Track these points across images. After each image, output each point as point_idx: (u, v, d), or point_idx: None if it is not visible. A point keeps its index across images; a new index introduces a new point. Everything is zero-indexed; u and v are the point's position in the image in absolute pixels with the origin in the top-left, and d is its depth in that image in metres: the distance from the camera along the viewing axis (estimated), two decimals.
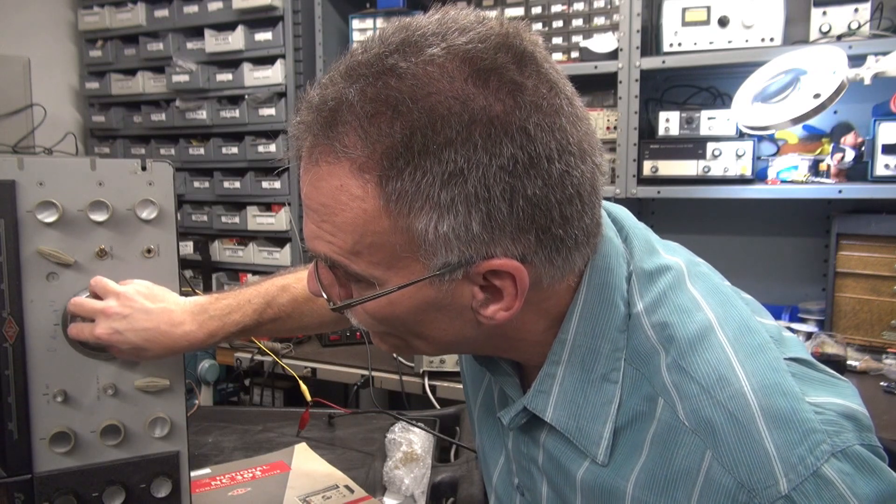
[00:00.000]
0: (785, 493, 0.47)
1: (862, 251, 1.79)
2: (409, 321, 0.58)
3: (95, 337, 0.79)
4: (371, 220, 0.51)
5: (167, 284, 0.84)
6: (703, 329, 0.56)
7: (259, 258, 2.65)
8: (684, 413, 0.53)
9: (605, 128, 2.05)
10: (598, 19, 2.06)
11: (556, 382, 0.61)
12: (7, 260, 0.75)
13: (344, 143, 0.50)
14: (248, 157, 2.60)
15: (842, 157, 1.80)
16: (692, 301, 0.59)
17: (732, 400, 0.51)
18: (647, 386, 0.57)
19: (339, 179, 0.51)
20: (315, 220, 0.55)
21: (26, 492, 0.78)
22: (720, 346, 0.55)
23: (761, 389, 0.52)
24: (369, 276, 0.54)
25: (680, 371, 0.55)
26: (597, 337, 0.59)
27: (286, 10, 2.45)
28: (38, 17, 2.87)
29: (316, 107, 0.52)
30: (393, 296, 0.55)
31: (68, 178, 0.78)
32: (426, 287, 0.54)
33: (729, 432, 0.50)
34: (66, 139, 2.10)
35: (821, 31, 1.80)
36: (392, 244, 0.52)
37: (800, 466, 0.48)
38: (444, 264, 0.53)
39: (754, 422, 0.50)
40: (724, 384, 0.52)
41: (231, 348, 2.11)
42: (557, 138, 0.51)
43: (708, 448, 0.51)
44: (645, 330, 0.58)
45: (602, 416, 0.59)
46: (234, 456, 1.27)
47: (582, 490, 0.61)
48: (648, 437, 0.56)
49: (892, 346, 1.74)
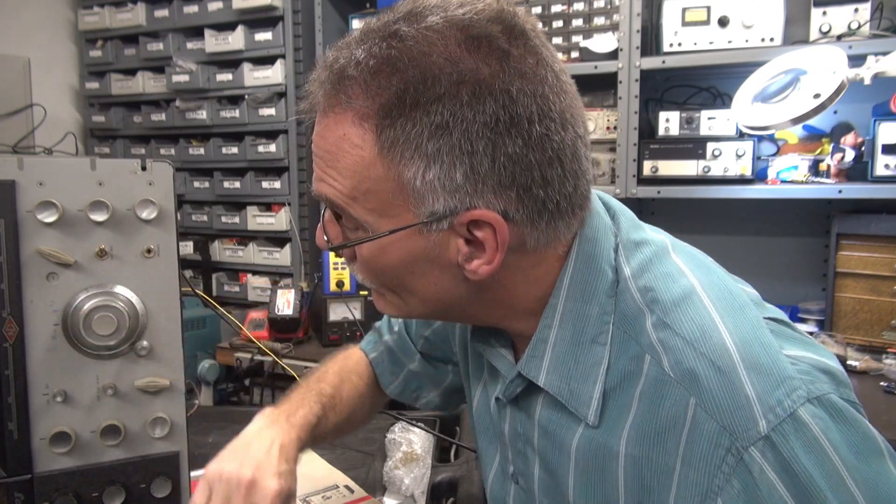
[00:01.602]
0: (764, 434, 0.50)
1: (862, 251, 1.79)
2: (401, 272, 0.61)
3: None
4: (367, 166, 0.57)
5: (167, 284, 0.84)
6: (687, 291, 0.60)
7: (259, 258, 2.66)
8: (669, 365, 0.57)
9: (605, 128, 2.05)
10: (598, 19, 2.06)
11: (548, 347, 0.64)
12: (7, 260, 0.75)
13: (349, 94, 0.56)
14: (248, 157, 2.60)
15: (842, 157, 1.80)
16: (676, 268, 0.62)
17: (714, 351, 0.55)
18: (635, 346, 0.60)
19: (343, 128, 0.57)
20: (321, 167, 0.60)
21: (26, 492, 0.78)
22: (702, 306, 0.58)
23: (742, 342, 0.55)
24: (364, 222, 0.59)
25: (665, 328, 0.58)
26: (586, 302, 0.62)
27: (286, 10, 2.46)
28: (38, 17, 2.87)
29: (329, 65, 0.59)
30: (385, 242, 0.59)
31: (68, 178, 0.78)
32: (415, 236, 0.58)
33: (712, 380, 0.54)
34: (66, 139, 2.10)
35: (821, 31, 1.80)
36: (385, 191, 0.57)
37: (778, 409, 0.51)
38: (430, 213, 0.57)
39: (735, 370, 0.53)
40: (706, 338, 0.56)
41: (231, 348, 2.11)
42: (539, 104, 0.55)
43: (692, 396, 0.54)
44: (632, 293, 0.61)
45: (592, 377, 0.61)
46: None
47: (576, 458, 0.64)
48: (636, 393, 0.59)
49: (892, 346, 1.74)
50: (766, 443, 0.50)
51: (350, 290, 2.12)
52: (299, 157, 2.54)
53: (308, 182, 2.57)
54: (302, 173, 2.56)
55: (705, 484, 0.53)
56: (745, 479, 0.51)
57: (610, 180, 2.07)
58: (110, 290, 0.81)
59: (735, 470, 0.51)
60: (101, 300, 0.80)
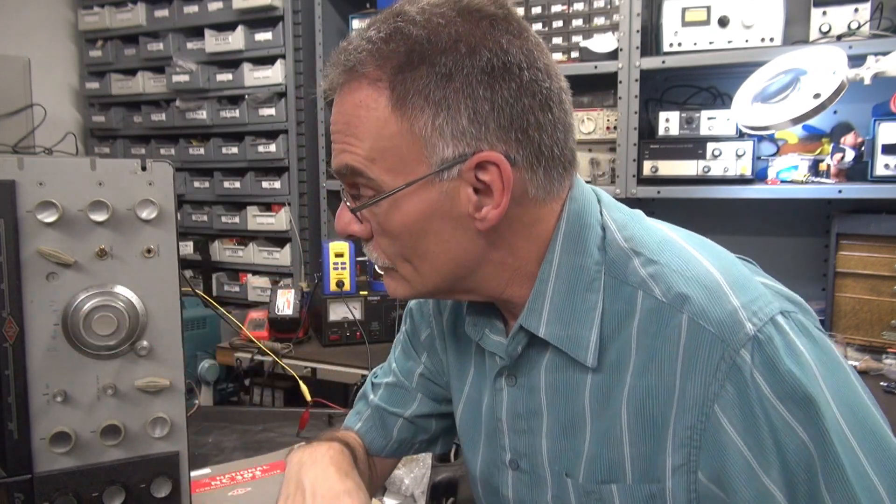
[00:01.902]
0: (752, 335, 0.58)
1: (862, 251, 1.79)
2: (417, 231, 0.65)
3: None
4: (383, 125, 0.62)
5: (167, 284, 0.84)
6: (666, 238, 0.69)
7: (259, 258, 2.66)
8: (661, 292, 0.64)
9: (605, 128, 2.05)
10: (598, 19, 2.06)
11: (546, 300, 0.69)
12: (7, 260, 0.75)
13: (362, 64, 0.63)
14: (248, 157, 2.60)
15: (842, 157, 1.80)
16: (652, 224, 0.72)
17: (700, 275, 0.63)
18: (626, 288, 0.66)
19: (358, 96, 0.63)
20: (339, 139, 0.65)
21: (26, 492, 0.78)
22: (682, 247, 0.68)
23: (722, 268, 0.64)
24: (382, 182, 0.64)
25: (652, 264, 0.66)
26: (579, 254, 0.68)
27: (286, 10, 2.46)
28: (38, 17, 2.87)
29: (344, 48, 0.65)
30: (401, 197, 0.64)
31: (68, 178, 0.78)
32: (430, 189, 0.63)
33: (701, 297, 0.62)
34: (66, 139, 2.10)
35: (821, 31, 1.80)
36: (400, 147, 0.63)
37: (760, 314, 0.59)
38: (441, 161, 0.62)
39: (720, 287, 0.62)
40: (691, 267, 0.65)
41: (231, 348, 2.11)
42: (525, 54, 0.63)
43: (684, 313, 0.61)
44: (618, 243, 0.68)
45: (588, 321, 0.67)
46: (234, 456, 1.27)
47: (591, 408, 0.68)
48: (634, 331, 0.65)
49: (892, 346, 1.74)
50: (754, 343, 0.58)
51: (350, 290, 2.12)
52: (299, 157, 2.54)
53: (308, 182, 2.57)
54: (302, 173, 2.56)
55: (702, 395, 0.60)
56: (738, 381, 0.58)
57: (610, 180, 2.07)
58: (110, 290, 0.81)
59: (728, 375, 0.58)
60: (101, 300, 0.80)
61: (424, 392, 0.93)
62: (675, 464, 0.63)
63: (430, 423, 0.94)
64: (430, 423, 0.94)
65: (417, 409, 0.93)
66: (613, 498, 0.67)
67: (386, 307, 2.13)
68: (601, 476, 0.68)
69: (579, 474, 0.70)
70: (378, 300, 2.13)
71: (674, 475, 0.63)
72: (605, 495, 0.68)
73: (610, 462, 0.67)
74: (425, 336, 0.92)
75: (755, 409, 0.57)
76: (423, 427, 0.94)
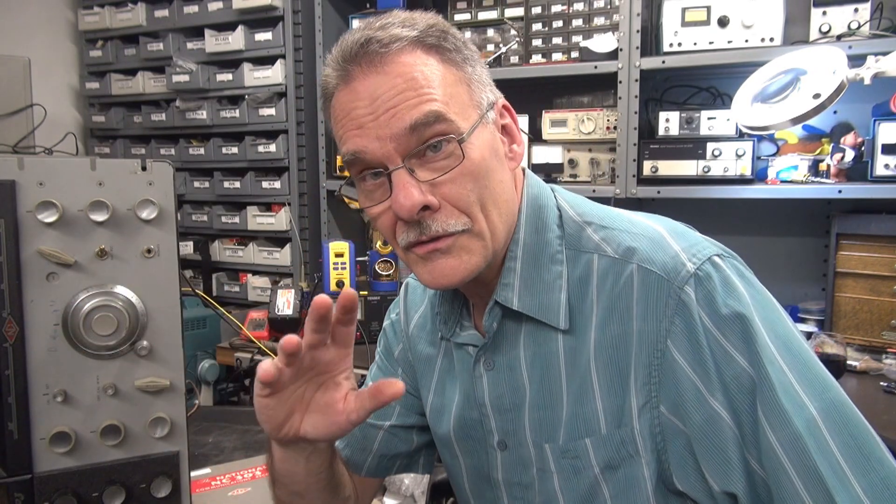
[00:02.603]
0: (692, 272, 0.66)
1: (862, 251, 1.79)
2: (489, 168, 0.70)
3: None
4: (442, 75, 0.69)
5: (167, 284, 0.84)
6: (613, 210, 0.78)
7: (259, 258, 2.65)
8: (612, 249, 0.72)
9: (605, 128, 2.05)
10: (598, 19, 2.06)
11: (516, 275, 0.75)
12: (7, 260, 0.75)
13: (398, 37, 0.68)
14: (248, 157, 2.60)
15: (842, 157, 1.80)
16: (595, 203, 0.80)
17: (645, 230, 0.73)
18: (583, 255, 0.74)
19: (410, 58, 0.68)
20: (409, 96, 0.67)
21: (26, 492, 0.78)
22: (627, 215, 0.77)
23: (664, 224, 0.74)
24: (459, 126, 0.68)
25: (603, 229, 0.75)
26: (540, 231, 0.76)
27: (286, 10, 2.45)
28: (38, 17, 2.87)
29: (358, 41, 0.68)
30: (475, 137, 0.69)
31: (68, 178, 0.78)
32: (484, 130, 0.71)
33: (646, 247, 0.70)
34: (66, 139, 2.09)
35: (821, 31, 1.80)
36: (460, 93, 0.70)
37: (699, 254, 0.68)
38: (488, 103, 0.72)
39: (663, 237, 0.71)
40: (637, 226, 0.74)
41: (231, 348, 2.11)
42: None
43: (633, 263, 0.70)
44: (573, 218, 0.77)
45: (555, 288, 0.74)
46: (234, 456, 1.27)
47: (566, 371, 0.73)
48: (593, 290, 0.73)
49: (892, 346, 1.74)
50: (695, 279, 0.66)
51: None
52: (299, 157, 2.54)
53: (308, 182, 2.57)
54: (302, 173, 2.56)
55: (655, 331, 0.67)
56: (684, 315, 0.66)
57: (610, 180, 2.07)
58: (110, 290, 0.82)
59: (676, 310, 0.66)
60: (101, 300, 0.80)
61: (403, 404, 0.93)
62: (639, 404, 0.69)
63: (411, 435, 0.94)
64: (411, 435, 0.94)
65: (397, 420, 0.93)
66: (588, 451, 0.72)
67: (386, 307, 2.13)
68: (578, 433, 0.72)
69: (559, 438, 0.74)
70: (378, 300, 2.13)
71: (640, 416, 0.69)
72: (580, 451, 0.72)
73: (585, 418, 0.72)
74: (399, 351, 0.95)
75: (700, 338, 0.65)
76: (404, 438, 0.94)
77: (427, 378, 0.90)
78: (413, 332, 0.92)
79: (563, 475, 0.74)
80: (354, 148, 0.69)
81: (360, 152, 0.68)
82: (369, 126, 0.68)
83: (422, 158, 0.68)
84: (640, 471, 0.70)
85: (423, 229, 0.69)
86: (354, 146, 0.69)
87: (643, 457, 0.69)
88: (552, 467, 0.75)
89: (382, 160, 0.68)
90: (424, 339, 0.90)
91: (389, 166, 0.68)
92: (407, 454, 0.96)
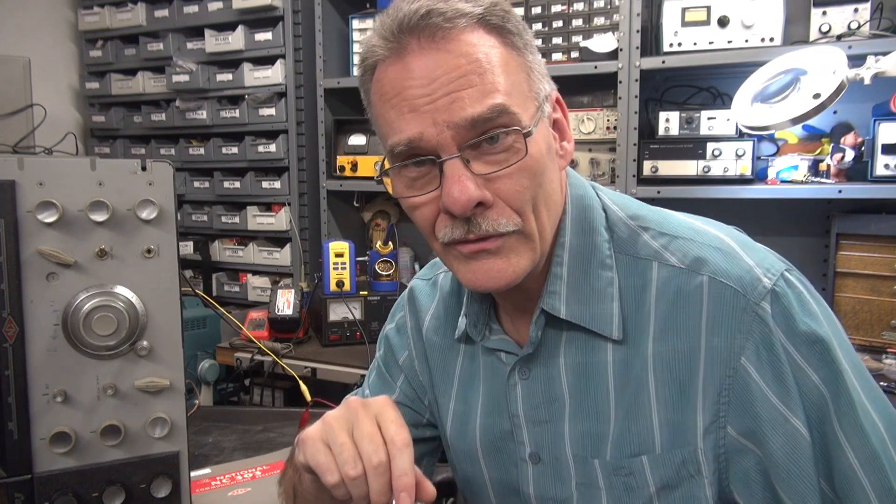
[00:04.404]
0: (770, 288, 0.63)
1: (862, 251, 1.79)
2: (544, 166, 0.66)
3: None
4: (506, 61, 0.64)
5: (167, 284, 0.84)
6: (665, 213, 0.74)
7: (259, 258, 2.65)
8: (678, 259, 0.68)
9: (605, 128, 2.05)
10: (598, 19, 2.06)
11: (563, 281, 0.71)
12: (7, 260, 0.75)
13: (463, 12, 0.62)
14: (248, 157, 2.60)
15: (842, 157, 1.80)
16: (646, 204, 0.76)
17: (712, 241, 0.69)
18: (639, 262, 0.70)
19: (473, 38, 0.62)
20: (474, 82, 0.61)
21: (26, 492, 0.78)
22: (683, 219, 0.73)
23: (728, 234, 0.71)
24: (521, 119, 0.63)
25: (663, 236, 0.70)
26: (587, 234, 0.72)
27: (286, 10, 2.45)
28: (38, 17, 2.87)
29: (417, 11, 0.61)
30: (537, 132, 0.65)
31: (68, 178, 0.78)
32: (542, 123, 0.67)
33: (718, 259, 0.67)
34: (66, 139, 2.09)
35: (821, 31, 1.80)
36: (521, 83, 0.65)
37: (773, 269, 0.65)
38: (545, 95, 0.67)
39: (733, 249, 0.68)
40: (700, 234, 0.70)
41: (231, 348, 2.11)
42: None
43: (704, 275, 0.66)
44: (624, 222, 0.72)
45: (607, 297, 0.70)
46: (234, 456, 1.27)
47: (615, 384, 0.69)
48: (651, 300, 0.68)
49: (892, 346, 1.74)
50: (772, 296, 0.63)
51: (350, 290, 2.12)
52: (299, 157, 2.54)
53: (308, 182, 2.57)
54: (302, 173, 2.56)
55: (728, 348, 0.63)
56: (762, 331, 0.62)
57: (610, 180, 2.07)
58: (110, 290, 0.81)
59: (752, 326, 0.63)
60: (101, 300, 0.80)
61: None
62: (705, 423, 0.65)
63: None
64: None
65: None
66: (644, 469, 0.68)
67: (386, 307, 2.13)
68: (630, 450, 0.68)
69: (606, 453, 0.70)
70: (378, 300, 2.13)
71: (705, 435, 0.65)
72: (635, 468, 0.68)
73: (638, 434, 0.68)
74: (403, 358, 0.91)
75: (780, 356, 0.62)
76: None
77: (445, 384, 0.85)
78: (428, 335, 0.88)
79: (614, 493, 0.70)
80: (411, 135, 0.62)
81: (416, 139, 0.62)
82: (424, 109, 0.61)
83: (477, 150, 0.63)
84: (701, 491, 0.66)
85: (471, 227, 0.63)
86: (411, 133, 0.62)
87: (706, 477, 0.66)
88: (601, 483, 0.70)
89: (436, 148, 0.62)
90: (439, 343, 0.86)
91: (442, 155, 0.62)
92: None
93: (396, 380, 0.91)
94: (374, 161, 2.36)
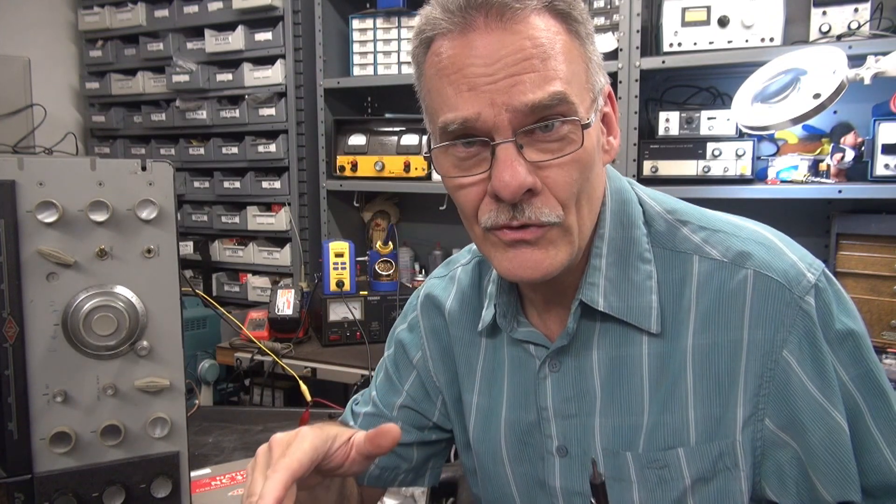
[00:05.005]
0: (813, 283, 0.65)
1: (862, 251, 1.79)
2: (594, 160, 0.66)
3: None
4: (569, 49, 0.63)
5: (167, 284, 0.84)
6: (702, 209, 0.75)
7: (259, 258, 2.65)
8: (720, 253, 0.68)
9: None
10: (598, 19, 2.06)
11: (601, 273, 0.71)
12: (7, 260, 0.75)
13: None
14: (248, 157, 2.60)
15: (842, 157, 1.80)
16: (681, 200, 0.76)
17: (753, 235, 0.70)
18: (679, 255, 0.70)
19: (538, 21, 0.62)
20: (537, 67, 0.60)
21: (26, 492, 0.78)
22: (721, 214, 0.74)
23: (767, 229, 0.72)
24: (579, 109, 0.62)
25: (703, 230, 0.71)
26: (626, 227, 0.72)
27: (286, 10, 2.45)
28: (38, 17, 2.87)
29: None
30: (592, 127, 0.64)
31: (68, 178, 0.78)
32: (597, 116, 0.66)
33: (761, 253, 0.67)
34: (66, 139, 2.10)
35: (821, 31, 1.80)
36: (580, 73, 0.64)
37: (815, 265, 0.67)
38: (599, 88, 0.67)
39: (775, 244, 0.69)
40: (741, 229, 0.71)
41: (231, 348, 2.11)
42: None
43: (747, 269, 0.67)
44: (661, 215, 0.73)
45: (645, 290, 0.70)
46: (234, 456, 1.27)
47: (649, 376, 0.69)
48: (692, 294, 0.68)
49: (892, 346, 1.74)
50: (815, 290, 0.65)
51: (350, 290, 2.12)
52: (299, 157, 2.54)
53: (308, 182, 2.57)
54: (302, 173, 2.56)
55: (770, 340, 0.64)
56: (805, 325, 0.63)
57: None
58: (110, 290, 0.81)
59: (795, 321, 0.64)
60: (101, 300, 0.80)
61: (405, 420, 0.89)
62: (745, 416, 0.65)
63: (411, 453, 0.90)
64: (411, 453, 0.90)
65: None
66: (680, 462, 0.68)
67: (386, 307, 2.13)
68: (665, 442, 0.68)
69: (639, 445, 0.69)
70: (378, 300, 2.13)
71: (744, 428, 0.66)
72: (670, 461, 0.68)
73: (673, 427, 0.68)
74: (417, 358, 0.89)
75: (823, 349, 0.63)
76: (404, 456, 0.89)
77: (468, 379, 0.84)
78: (453, 331, 0.86)
79: (646, 485, 0.69)
80: (467, 114, 0.61)
81: (472, 119, 0.61)
82: (484, 89, 0.60)
83: (531, 136, 0.62)
84: (737, 484, 0.67)
85: (515, 213, 0.62)
86: (468, 112, 0.61)
87: (742, 470, 0.66)
88: (632, 477, 0.70)
89: (490, 130, 0.61)
90: (460, 336, 0.85)
91: (497, 138, 0.61)
92: (409, 469, 0.91)
93: (405, 380, 0.90)
94: (374, 161, 2.36)
